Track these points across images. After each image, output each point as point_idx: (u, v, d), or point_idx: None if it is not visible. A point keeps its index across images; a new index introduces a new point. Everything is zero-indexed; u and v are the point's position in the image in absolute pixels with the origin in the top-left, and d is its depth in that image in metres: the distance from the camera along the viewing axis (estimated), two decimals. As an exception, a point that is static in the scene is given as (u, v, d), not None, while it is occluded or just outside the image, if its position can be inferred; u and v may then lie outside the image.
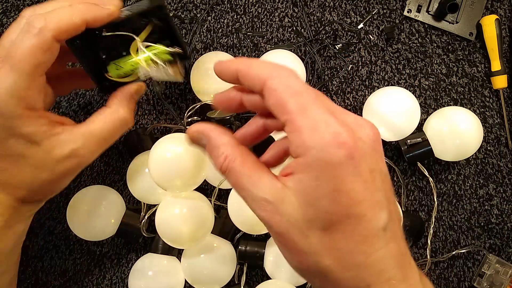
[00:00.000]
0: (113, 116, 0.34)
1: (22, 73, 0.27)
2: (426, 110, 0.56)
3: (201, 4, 0.56)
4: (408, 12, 0.56)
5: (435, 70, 0.56)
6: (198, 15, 0.56)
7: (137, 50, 0.35)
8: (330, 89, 0.56)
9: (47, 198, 0.37)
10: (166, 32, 0.35)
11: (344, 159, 0.23)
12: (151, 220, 0.53)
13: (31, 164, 0.30)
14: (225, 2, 0.56)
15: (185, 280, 0.52)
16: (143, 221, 0.51)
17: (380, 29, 0.56)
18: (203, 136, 0.28)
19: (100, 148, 0.34)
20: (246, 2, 0.56)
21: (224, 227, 0.53)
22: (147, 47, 0.35)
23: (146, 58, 0.35)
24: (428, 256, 0.53)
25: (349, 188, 0.23)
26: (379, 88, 0.55)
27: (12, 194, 0.31)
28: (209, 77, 0.49)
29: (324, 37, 0.56)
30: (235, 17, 0.56)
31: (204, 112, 0.51)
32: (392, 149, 0.56)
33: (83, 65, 0.34)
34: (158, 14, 0.33)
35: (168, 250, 0.52)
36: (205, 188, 0.54)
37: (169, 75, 0.36)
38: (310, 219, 0.23)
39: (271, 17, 0.56)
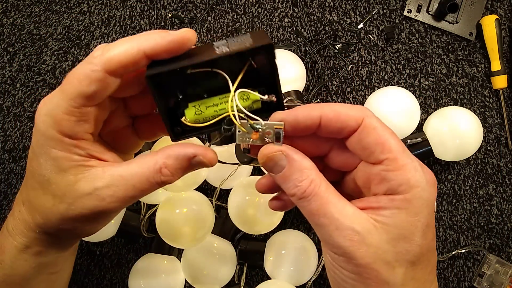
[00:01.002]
0: (152, 168, 0.28)
1: (65, 96, 0.26)
2: (426, 110, 0.56)
3: (201, 4, 0.56)
4: (408, 12, 0.56)
5: (435, 70, 0.56)
6: (198, 15, 0.56)
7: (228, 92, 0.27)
8: (330, 89, 0.56)
9: (72, 241, 0.34)
10: (261, 76, 0.27)
11: (434, 198, 0.26)
12: (151, 220, 0.53)
13: (52, 191, 0.28)
14: (225, 2, 0.56)
15: (185, 280, 0.52)
16: (143, 221, 0.51)
17: (380, 29, 0.56)
18: (284, 157, 0.26)
19: (127, 196, 0.28)
20: (246, 2, 0.56)
21: (224, 227, 0.53)
22: (237, 90, 0.27)
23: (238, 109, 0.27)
24: (428, 256, 0.53)
25: (432, 224, 0.26)
26: (379, 88, 0.55)
27: (32, 216, 0.30)
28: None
29: (324, 37, 0.56)
30: (235, 17, 0.56)
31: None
32: (392, 149, 0.56)
33: (159, 105, 0.28)
34: (264, 55, 0.26)
35: (168, 250, 0.52)
36: (205, 188, 0.54)
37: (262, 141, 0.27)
38: (399, 252, 0.25)
39: (271, 17, 0.56)
